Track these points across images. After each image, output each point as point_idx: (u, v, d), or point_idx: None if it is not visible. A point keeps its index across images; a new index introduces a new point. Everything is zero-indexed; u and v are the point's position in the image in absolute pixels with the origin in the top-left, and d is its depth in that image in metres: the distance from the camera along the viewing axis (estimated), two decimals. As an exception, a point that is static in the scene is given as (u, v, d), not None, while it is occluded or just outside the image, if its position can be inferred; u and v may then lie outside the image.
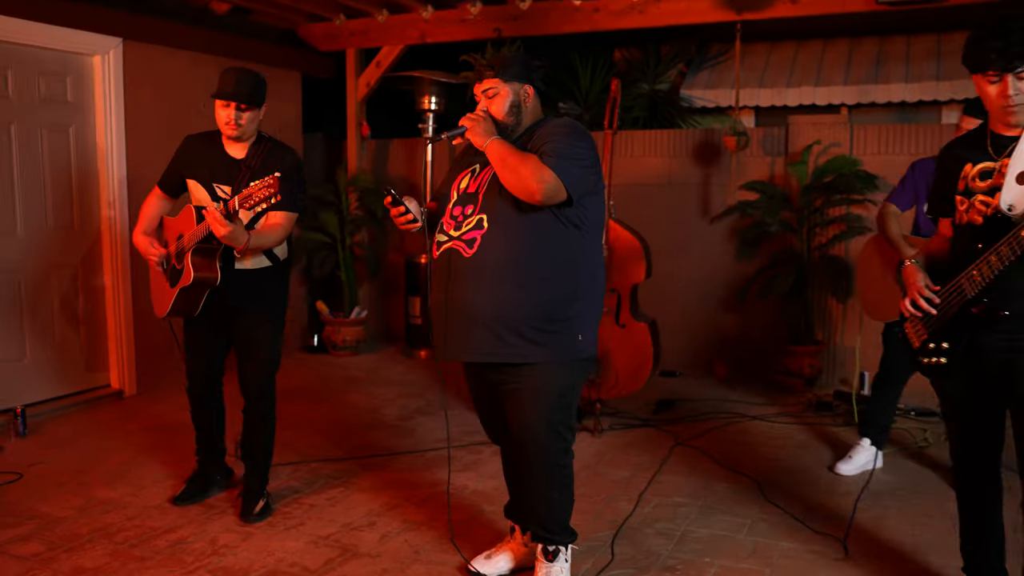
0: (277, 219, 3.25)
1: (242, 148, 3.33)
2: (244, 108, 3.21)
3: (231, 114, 3.21)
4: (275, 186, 2.90)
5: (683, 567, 2.96)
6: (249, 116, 3.24)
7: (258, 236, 3.19)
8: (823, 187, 5.42)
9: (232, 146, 3.33)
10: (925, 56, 6.52)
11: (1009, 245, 2.22)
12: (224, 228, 2.99)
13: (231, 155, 3.32)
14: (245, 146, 3.33)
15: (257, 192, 2.93)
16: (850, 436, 4.34)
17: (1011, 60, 2.18)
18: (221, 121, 3.26)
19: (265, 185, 2.91)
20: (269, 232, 3.24)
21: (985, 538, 2.56)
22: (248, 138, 3.32)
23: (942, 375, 2.48)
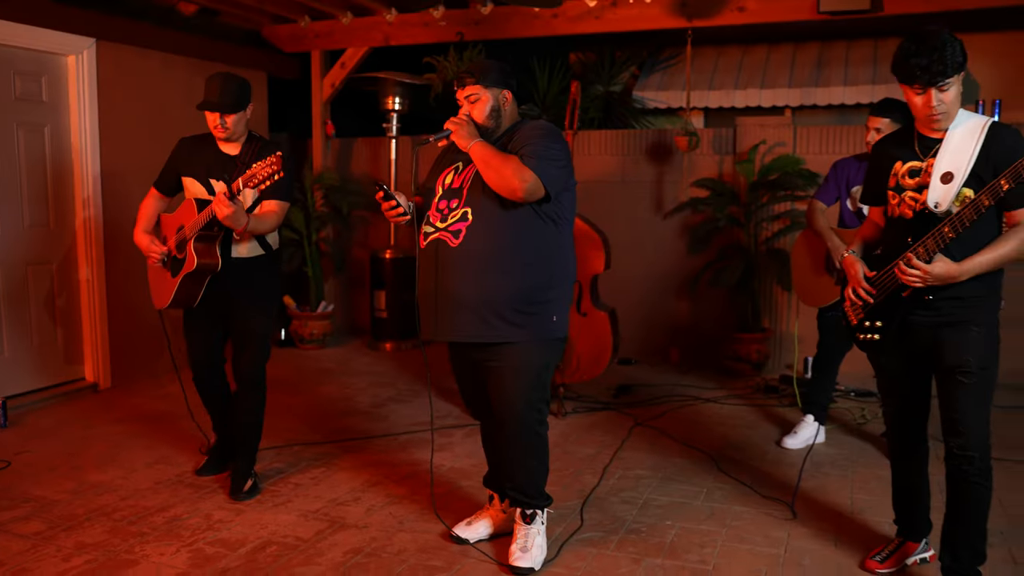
0: (271, 207, 3.46)
1: (235, 147, 3.53)
2: (228, 114, 3.42)
3: (217, 119, 3.43)
4: (278, 163, 3.12)
5: (647, 530, 3.25)
6: (234, 119, 3.45)
7: (256, 220, 3.39)
8: (769, 184, 5.78)
9: (225, 145, 3.54)
10: (862, 61, 6.93)
11: (935, 239, 2.54)
12: (228, 208, 3.19)
13: (226, 152, 3.53)
14: (238, 145, 3.54)
15: (261, 171, 3.15)
16: (795, 415, 4.69)
17: (934, 76, 2.49)
18: (210, 125, 3.47)
19: (268, 164, 3.13)
20: (265, 217, 3.44)
21: (914, 494, 2.89)
22: (239, 137, 3.53)
23: (876, 350, 2.80)
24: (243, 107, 3.47)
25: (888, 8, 5.07)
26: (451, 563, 2.97)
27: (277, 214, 3.49)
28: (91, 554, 3.00)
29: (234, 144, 3.53)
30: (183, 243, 3.44)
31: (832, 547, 3.08)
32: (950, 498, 2.64)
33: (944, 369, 2.63)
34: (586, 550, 3.07)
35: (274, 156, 3.14)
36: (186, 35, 5.79)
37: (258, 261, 3.56)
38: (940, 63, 2.47)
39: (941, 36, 2.49)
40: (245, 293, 3.54)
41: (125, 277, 5.42)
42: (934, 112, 2.56)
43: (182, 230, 3.47)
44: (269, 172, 3.14)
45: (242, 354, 3.59)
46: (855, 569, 2.91)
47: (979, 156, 2.53)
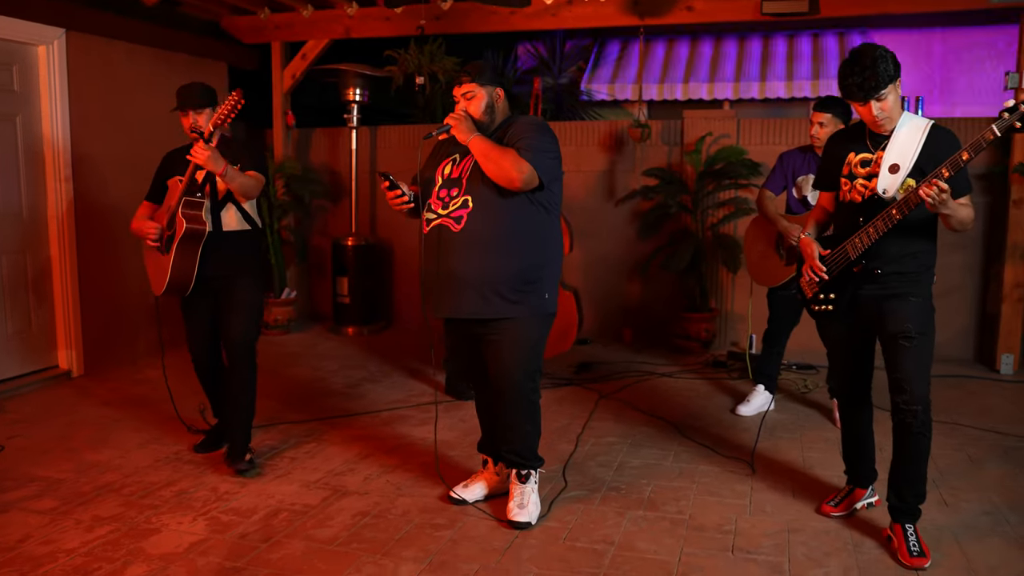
0: (250, 173, 3.69)
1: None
2: (198, 112, 3.65)
3: (190, 121, 3.66)
4: (237, 95, 3.42)
5: (626, 487, 3.58)
6: (203, 118, 3.67)
7: (233, 170, 3.58)
8: (715, 173, 6.18)
9: None
10: (798, 57, 7.41)
11: (883, 220, 2.91)
12: (204, 151, 3.45)
13: None
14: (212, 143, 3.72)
15: (223, 109, 3.44)
16: (745, 387, 5.11)
17: (868, 92, 2.86)
18: (187, 128, 3.69)
19: (229, 100, 3.43)
20: (243, 177, 3.64)
21: (861, 446, 3.28)
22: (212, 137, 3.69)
23: (829, 319, 3.17)
24: (211, 105, 3.69)
25: (824, 11, 5.50)
26: (453, 521, 3.24)
27: (254, 179, 3.70)
28: (111, 525, 3.17)
29: None
30: (172, 218, 3.62)
31: (791, 497, 3.47)
32: (896, 447, 3.03)
33: (888, 335, 3.01)
34: (574, 506, 3.38)
35: (234, 92, 3.43)
36: (150, 25, 5.85)
37: (245, 235, 3.77)
38: (872, 79, 2.84)
39: (873, 54, 2.86)
40: (234, 267, 3.74)
41: (97, 265, 5.49)
42: (877, 119, 2.94)
43: (170, 208, 3.67)
44: (231, 105, 3.44)
45: (231, 325, 3.76)
46: (812, 514, 3.29)
47: (922, 152, 2.92)
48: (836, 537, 3.09)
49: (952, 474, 3.69)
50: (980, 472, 3.73)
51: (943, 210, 2.78)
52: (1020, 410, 4.71)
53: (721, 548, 3.01)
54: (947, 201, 2.73)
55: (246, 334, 3.78)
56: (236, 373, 3.81)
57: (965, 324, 5.88)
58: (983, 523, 3.21)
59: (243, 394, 3.82)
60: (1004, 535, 3.10)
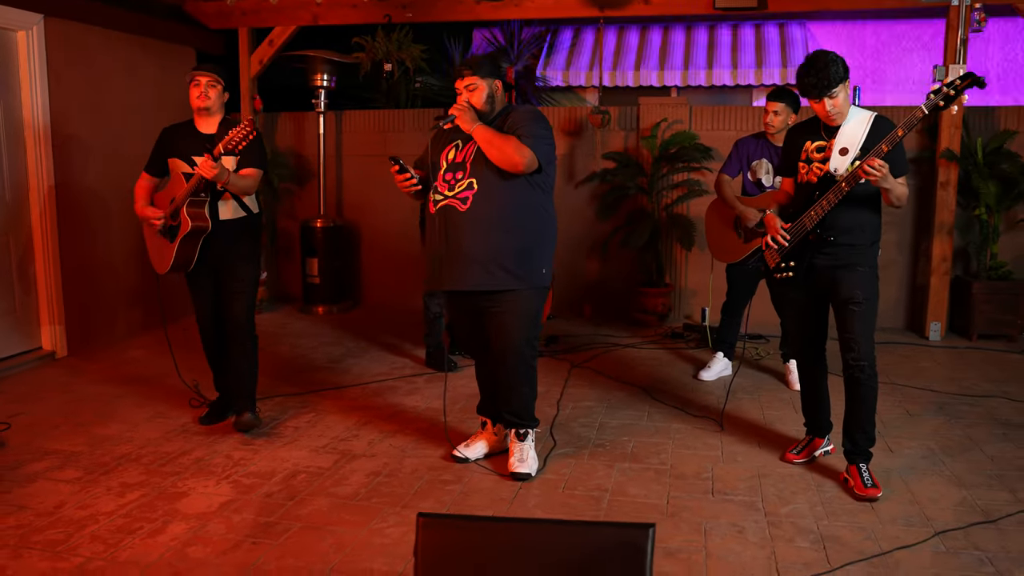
0: (249, 172, 3.92)
1: (212, 124, 3.97)
2: (212, 84, 3.89)
3: (201, 89, 3.88)
4: (250, 126, 3.63)
5: (610, 444, 3.95)
6: (217, 92, 3.91)
7: (235, 176, 3.84)
8: (669, 157, 6.58)
9: (203, 123, 3.97)
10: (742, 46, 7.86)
11: (834, 193, 3.32)
12: (212, 170, 3.66)
13: (203, 132, 3.96)
14: (214, 123, 3.96)
15: (236, 135, 3.63)
16: (702, 355, 5.54)
17: (822, 90, 3.28)
18: (193, 96, 3.91)
19: (242, 128, 3.63)
20: (243, 177, 3.89)
21: (818, 400, 3.71)
22: (215, 112, 3.96)
23: (789, 284, 3.58)
24: (224, 83, 3.93)
25: (771, 6, 5.93)
26: (460, 476, 3.55)
27: (254, 177, 3.95)
28: (140, 491, 3.39)
29: (211, 121, 3.96)
30: (177, 211, 3.84)
31: (757, 448, 3.89)
32: (848, 399, 3.46)
33: (840, 301, 3.43)
34: (566, 461, 3.73)
35: (245, 120, 3.65)
36: (123, 11, 5.91)
37: (241, 222, 4.01)
38: (825, 79, 3.26)
39: (825, 59, 3.29)
40: (232, 249, 3.99)
41: (77, 248, 5.59)
42: (829, 114, 3.35)
43: (174, 201, 3.87)
44: (244, 134, 3.64)
45: (232, 304, 4.03)
46: (778, 461, 3.72)
47: (867, 138, 3.34)
48: (800, 479, 3.52)
49: (894, 426, 4.16)
50: (917, 424, 4.22)
51: (884, 184, 3.19)
52: (948, 371, 5.25)
53: (702, 491, 3.40)
54: (887, 176, 3.15)
55: (246, 311, 4.05)
56: (237, 344, 4.06)
57: (897, 295, 6.43)
58: (922, 465, 3.68)
59: (244, 360, 4.06)
60: (941, 474, 3.57)
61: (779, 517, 3.16)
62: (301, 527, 3.07)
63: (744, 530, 3.05)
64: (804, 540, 2.96)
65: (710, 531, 3.04)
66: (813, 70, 3.27)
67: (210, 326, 4.14)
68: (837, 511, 3.20)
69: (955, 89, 3.06)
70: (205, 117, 3.95)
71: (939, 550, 2.89)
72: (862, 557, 2.83)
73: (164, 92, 6.41)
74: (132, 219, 6.05)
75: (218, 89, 3.92)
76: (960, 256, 6.27)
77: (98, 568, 2.76)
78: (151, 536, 2.99)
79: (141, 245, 6.14)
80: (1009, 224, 6.12)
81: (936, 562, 2.80)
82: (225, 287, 4.04)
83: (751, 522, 3.11)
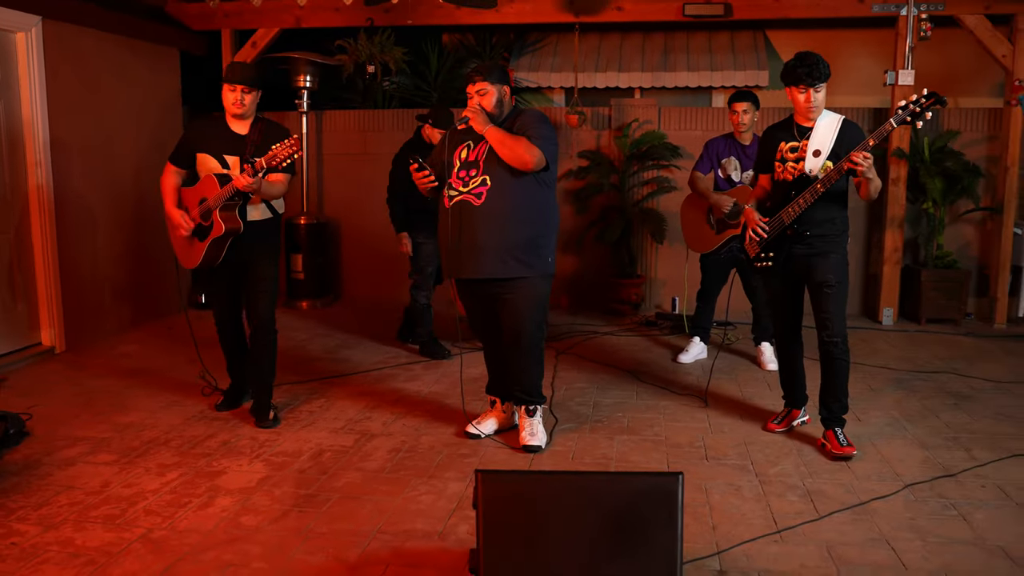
0: (278, 178, 4.06)
1: (244, 125, 4.11)
2: (247, 91, 4.02)
3: (237, 96, 4.01)
4: (296, 145, 3.80)
5: (607, 419, 4.29)
6: (252, 97, 4.05)
7: (267, 184, 3.99)
8: (640, 156, 6.96)
9: (236, 124, 4.11)
10: (701, 50, 8.27)
11: (810, 192, 3.71)
12: (252, 187, 3.83)
13: (236, 131, 4.10)
14: (247, 124, 4.12)
15: (281, 151, 3.80)
16: (677, 341, 5.93)
17: (813, 80, 3.67)
18: (228, 102, 4.03)
19: (288, 145, 3.79)
20: (273, 184, 4.04)
21: (795, 374, 4.10)
22: (250, 116, 4.11)
23: (769, 273, 3.96)
24: (258, 87, 4.06)
25: (737, 14, 6.35)
26: (476, 450, 3.85)
27: (284, 183, 4.11)
28: (179, 470, 3.61)
29: (244, 123, 4.11)
30: (208, 212, 4.00)
31: (740, 420, 4.27)
32: (823, 371, 3.85)
33: (815, 284, 3.83)
34: (570, 435, 4.06)
35: (292, 139, 3.81)
36: (114, 13, 6.04)
37: (267, 223, 4.18)
38: (816, 71, 3.65)
39: (816, 56, 3.68)
40: (258, 249, 4.15)
41: (73, 245, 5.72)
42: (811, 106, 3.73)
43: (205, 202, 4.02)
44: (289, 152, 3.80)
45: (258, 301, 4.20)
46: (760, 431, 4.10)
47: (836, 139, 3.74)
48: (783, 445, 3.91)
49: (859, 399, 4.59)
50: (880, 397, 4.66)
51: (868, 175, 3.58)
52: (902, 351, 5.73)
53: (698, 458, 3.76)
54: (871, 167, 3.54)
55: (270, 309, 4.24)
56: (259, 340, 4.25)
57: (852, 283, 6.88)
58: (888, 431, 4.10)
59: (264, 357, 4.26)
60: (905, 438, 4.00)
61: (769, 477, 3.53)
62: (340, 497, 3.33)
63: (740, 488, 3.41)
64: (793, 495, 3.34)
65: (710, 490, 3.40)
66: (808, 61, 3.65)
67: (228, 318, 4.33)
68: (819, 470, 3.59)
69: (920, 107, 3.47)
70: (239, 120, 4.06)
71: (910, 499, 3.29)
72: (845, 507, 3.22)
73: (151, 93, 6.55)
74: (122, 217, 6.23)
75: (253, 95, 4.01)
76: (909, 247, 6.79)
77: (162, 536, 2.98)
78: (202, 508, 3.22)
79: (132, 242, 6.31)
80: (953, 217, 6.66)
81: (908, 509, 3.21)
82: (250, 286, 4.19)
83: (745, 481, 3.48)
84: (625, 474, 2.99)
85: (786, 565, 2.78)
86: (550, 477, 2.65)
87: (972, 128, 6.68)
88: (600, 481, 2.53)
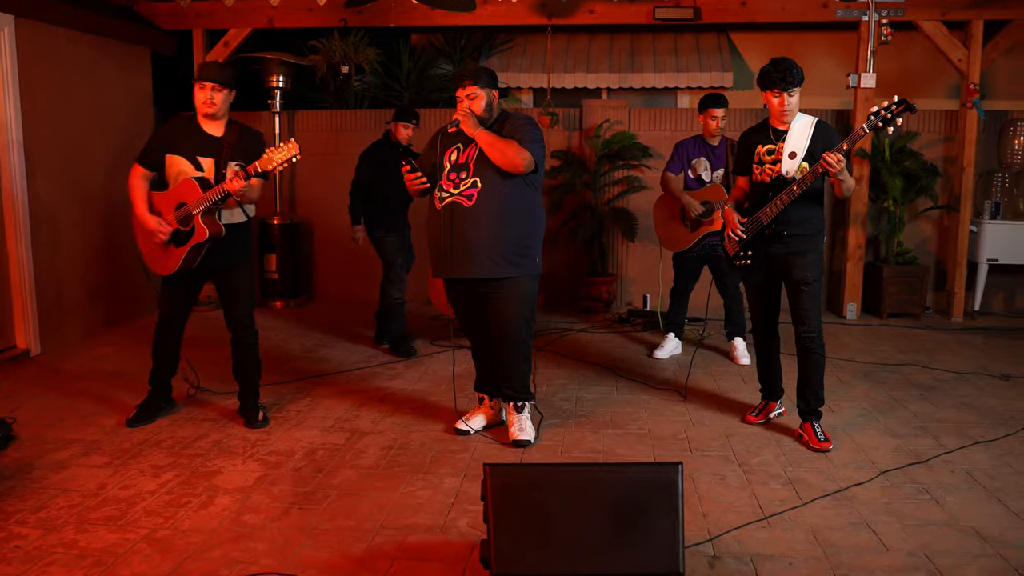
0: (255, 182, 3.96)
1: (218, 127, 4.05)
2: (217, 89, 3.95)
3: (207, 95, 3.95)
4: (295, 149, 3.76)
5: (590, 414, 4.41)
6: (222, 97, 3.99)
7: (249, 189, 3.92)
8: (611, 155, 7.10)
9: (208, 125, 4.04)
10: (667, 52, 8.44)
11: (787, 194, 3.87)
12: (241, 191, 3.81)
13: (209, 133, 4.05)
14: (220, 125, 4.06)
15: (278, 156, 3.76)
16: (651, 337, 6.08)
17: (786, 84, 3.83)
18: (199, 101, 3.98)
19: (286, 149, 3.76)
20: (253, 188, 3.96)
21: (772, 368, 4.26)
22: (222, 117, 4.06)
23: (747, 271, 4.12)
24: (232, 87, 4.02)
25: (706, 18, 6.52)
26: (466, 446, 3.94)
27: (260, 187, 4.05)
28: (174, 471, 3.63)
29: (217, 124, 4.05)
30: (188, 217, 3.92)
31: (719, 413, 4.42)
32: (800, 365, 4.02)
33: (793, 282, 3.99)
34: (556, 430, 4.17)
35: (290, 143, 3.77)
36: (85, 12, 5.99)
37: (242, 227, 4.15)
38: (790, 76, 3.81)
39: (789, 61, 3.83)
40: (234, 255, 4.12)
41: (48, 246, 5.66)
42: (785, 109, 3.89)
43: (184, 206, 3.93)
44: (288, 157, 3.77)
45: (235, 306, 4.21)
46: (739, 423, 4.26)
47: (811, 141, 3.90)
48: (762, 437, 4.06)
49: (830, 391, 4.74)
50: (849, 389, 4.85)
51: (840, 176, 3.74)
52: (866, 344, 5.95)
53: (682, 449, 3.90)
54: (844, 169, 3.71)
55: (249, 314, 4.24)
56: (241, 344, 4.26)
57: (815, 279, 7.14)
58: (860, 421, 4.29)
59: (249, 360, 4.28)
60: (877, 427, 4.19)
61: (751, 466, 3.68)
62: (338, 494, 3.39)
63: (725, 477, 3.56)
64: (776, 483, 3.49)
65: (697, 480, 3.53)
66: (782, 67, 3.81)
67: (173, 324, 4.25)
68: (798, 460, 3.75)
69: (892, 113, 3.64)
70: (211, 120, 4.02)
71: (885, 485, 3.47)
72: (825, 493, 3.38)
73: (122, 93, 6.50)
74: (94, 218, 6.17)
75: (223, 94, 3.96)
76: (871, 244, 7.03)
77: (165, 536, 3.02)
78: (202, 508, 3.26)
79: (104, 243, 6.26)
80: (912, 215, 6.92)
81: (885, 494, 3.38)
82: (230, 293, 4.18)
83: (729, 471, 3.62)
84: (627, 465, 3.10)
85: (775, 549, 2.92)
86: (555, 468, 2.75)
87: (930, 129, 6.95)
88: (604, 472, 2.64)
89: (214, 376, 4.91)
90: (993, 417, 4.34)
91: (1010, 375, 5.11)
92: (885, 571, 2.77)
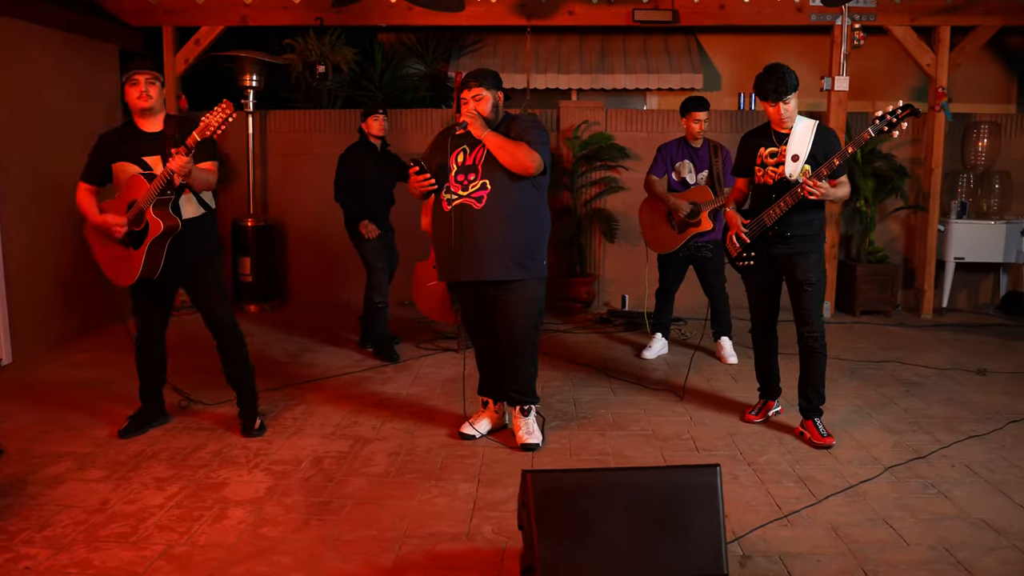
0: (207, 165, 3.85)
1: (155, 122, 3.84)
2: (151, 81, 3.77)
3: (141, 88, 3.74)
4: (230, 108, 3.55)
5: (590, 415, 4.41)
6: (156, 89, 3.80)
7: (197, 170, 3.74)
8: (588, 157, 7.13)
9: (146, 123, 3.84)
10: (637, 53, 8.51)
11: (790, 196, 3.93)
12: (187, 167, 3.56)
13: (149, 131, 3.82)
14: (159, 120, 3.85)
15: (214, 119, 3.54)
16: (635, 337, 6.13)
17: (779, 95, 3.88)
18: (133, 97, 3.76)
19: (220, 110, 3.54)
20: (202, 171, 3.80)
21: (770, 367, 4.33)
22: (159, 112, 3.86)
23: (749, 272, 4.17)
24: (162, 83, 3.85)
25: (684, 21, 6.59)
26: (473, 451, 3.91)
27: (213, 171, 3.89)
28: (178, 483, 3.52)
29: (154, 120, 3.84)
30: (140, 214, 3.71)
31: (718, 412, 4.47)
32: (802, 364, 4.09)
33: (795, 283, 4.05)
34: (561, 432, 4.16)
35: (223, 103, 3.55)
36: (54, 7, 5.77)
37: (202, 220, 3.95)
38: (782, 86, 3.87)
39: (782, 69, 3.90)
40: (196, 251, 3.92)
41: (19, 255, 5.44)
42: (783, 117, 3.95)
43: (135, 204, 3.71)
44: (223, 118, 3.54)
45: (214, 308, 4.03)
46: (739, 422, 4.31)
47: (814, 144, 3.96)
48: (765, 435, 4.12)
49: (820, 388, 4.87)
50: (840, 387, 4.95)
51: (828, 197, 3.83)
52: (845, 342, 6.09)
53: (688, 450, 3.93)
54: (826, 193, 3.79)
55: (230, 314, 4.10)
56: (229, 353, 4.13)
57: (789, 278, 7.27)
58: (855, 418, 4.38)
59: (242, 370, 4.16)
60: (872, 423, 4.29)
61: (760, 465, 3.73)
62: (354, 503, 3.34)
63: (738, 476, 3.60)
64: (788, 481, 3.55)
65: (710, 480, 3.56)
66: (773, 77, 3.85)
67: (154, 336, 4.12)
68: (804, 457, 3.82)
69: (897, 118, 3.72)
70: (148, 117, 3.80)
71: (892, 481, 3.55)
72: (837, 490, 3.44)
73: (88, 90, 6.29)
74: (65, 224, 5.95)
75: (157, 86, 3.77)
76: (844, 243, 7.19)
77: (184, 553, 2.93)
78: (216, 522, 3.17)
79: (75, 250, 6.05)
80: (883, 214, 7.10)
81: (894, 489, 3.46)
82: (201, 294, 4.01)
83: (740, 470, 3.67)
84: (666, 468, 3.13)
85: (801, 547, 2.96)
86: (596, 473, 2.75)
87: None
88: (643, 476, 2.64)
89: (203, 384, 4.77)
90: (980, 412, 4.48)
91: (986, 370, 5.28)
92: (910, 565, 2.84)
